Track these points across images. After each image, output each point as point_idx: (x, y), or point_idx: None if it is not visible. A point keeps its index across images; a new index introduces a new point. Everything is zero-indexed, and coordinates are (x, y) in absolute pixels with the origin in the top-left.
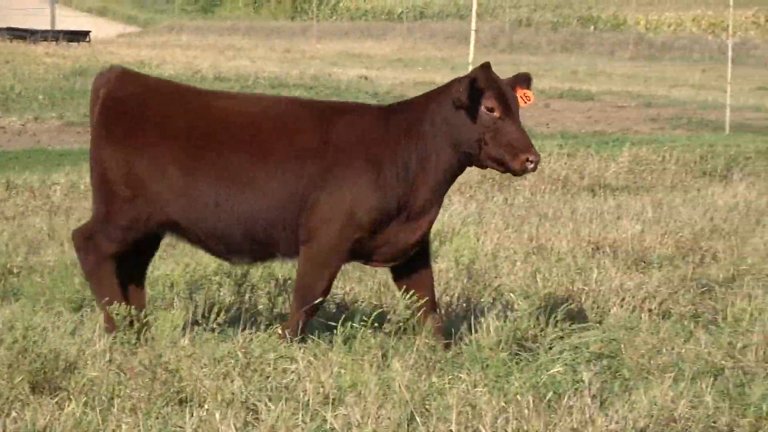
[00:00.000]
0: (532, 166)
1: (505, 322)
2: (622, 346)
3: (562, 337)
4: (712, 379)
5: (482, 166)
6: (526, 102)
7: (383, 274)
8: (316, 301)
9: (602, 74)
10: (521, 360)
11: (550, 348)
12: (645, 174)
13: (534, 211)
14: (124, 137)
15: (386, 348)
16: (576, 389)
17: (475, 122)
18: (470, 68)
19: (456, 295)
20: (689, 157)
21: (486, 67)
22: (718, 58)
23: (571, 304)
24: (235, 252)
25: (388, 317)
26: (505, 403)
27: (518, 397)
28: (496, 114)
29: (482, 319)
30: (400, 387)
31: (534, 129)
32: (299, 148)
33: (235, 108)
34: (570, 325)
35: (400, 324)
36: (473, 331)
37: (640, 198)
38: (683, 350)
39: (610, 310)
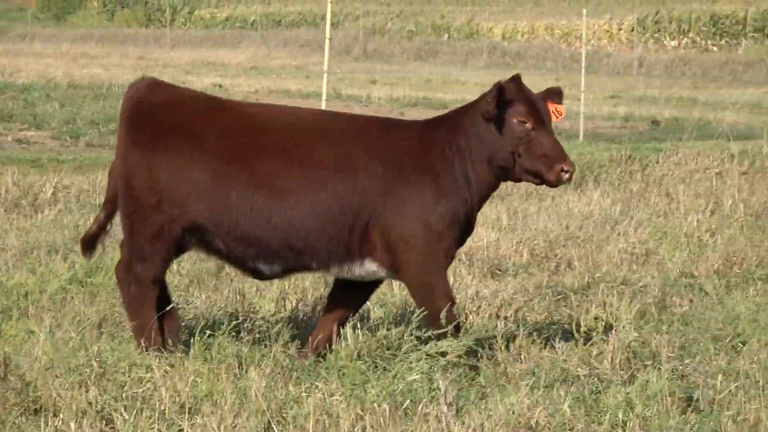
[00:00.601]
0: (567, 176)
1: (361, 330)
2: (479, 353)
3: (418, 346)
4: (568, 386)
5: (517, 180)
6: (557, 117)
7: (240, 281)
8: (451, 311)
9: (456, 83)
10: (378, 368)
11: (407, 356)
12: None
13: None
14: (151, 143)
15: (242, 356)
16: (432, 397)
17: (508, 135)
18: (325, 76)
19: (314, 303)
20: None
21: (515, 79)
22: (571, 67)
23: (427, 311)
24: (266, 259)
25: (245, 326)
26: (362, 411)
27: (375, 405)
28: (528, 125)
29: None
30: (256, 395)
31: None
32: (340, 161)
33: (269, 117)
34: (426, 333)
35: (257, 333)
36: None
37: (495, 206)
38: (539, 358)
39: (466, 318)
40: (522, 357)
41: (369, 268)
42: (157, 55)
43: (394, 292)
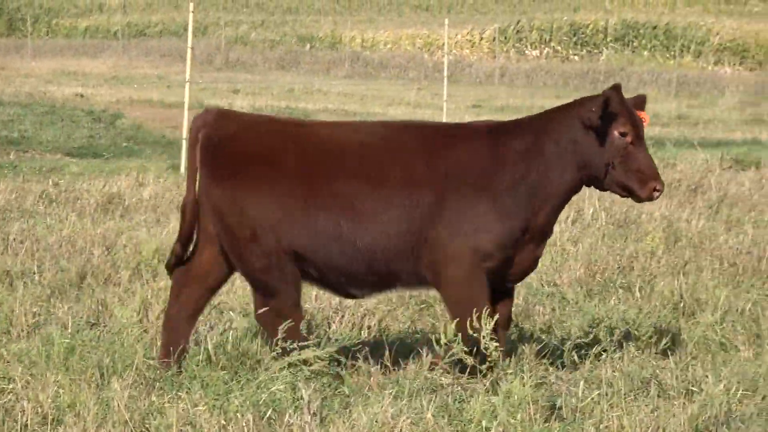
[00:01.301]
0: (657, 194)
1: (225, 340)
2: (342, 363)
3: (282, 355)
4: (432, 395)
5: (603, 189)
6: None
7: (102, 292)
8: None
9: (318, 92)
10: (241, 378)
11: (270, 366)
12: None
13: None
14: (232, 176)
15: (105, 367)
16: (296, 407)
17: (606, 146)
18: (187, 86)
19: None
20: None
21: (617, 88)
22: (434, 77)
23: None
24: (355, 284)
25: (108, 336)
26: (225, 421)
27: (238, 415)
28: (629, 139)
29: (202, 338)
30: (119, 406)
31: None
32: (411, 175)
33: (342, 136)
34: (290, 343)
35: (120, 343)
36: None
37: None
38: (403, 367)
39: (330, 328)
40: (386, 366)
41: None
42: (18, 65)
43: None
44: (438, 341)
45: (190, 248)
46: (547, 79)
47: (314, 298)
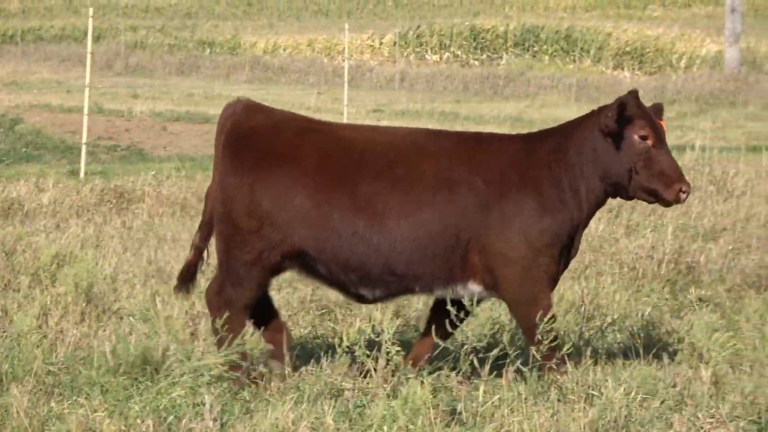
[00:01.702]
0: (685, 196)
1: (124, 345)
2: (243, 368)
3: (182, 360)
4: (332, 400)
5: (630, 198)
6: None
7: (1, 297)
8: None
9: (219, 97)
10: (141, 384)
11: (171, 371)
12: None
13: (153, 234)
14: (252, 168)
15: (3, 373)
16: (197, 412)
17: (627, 151)
18: (86, 91)
19: (75, 319)
20: None
21: (634, 94)
22: (334, 81)
23: (191, 327)
24: (368, 284)
25: (6, 342)
26: (126, 427)
27: (139, 421)
28: (650, 142)
29: (101, 343)
30: (18, 412)
31: (151, 152)
32: (445, 180)
33: (374, 139)
34: (190, 348)
35: (19, 349)
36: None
37: None
38: (304, 372)
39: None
40: (287, 371)
41: (472, 289)
42: None
43: (157, 306)
44: (340, 345)
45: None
46: (447, 84)
47: None
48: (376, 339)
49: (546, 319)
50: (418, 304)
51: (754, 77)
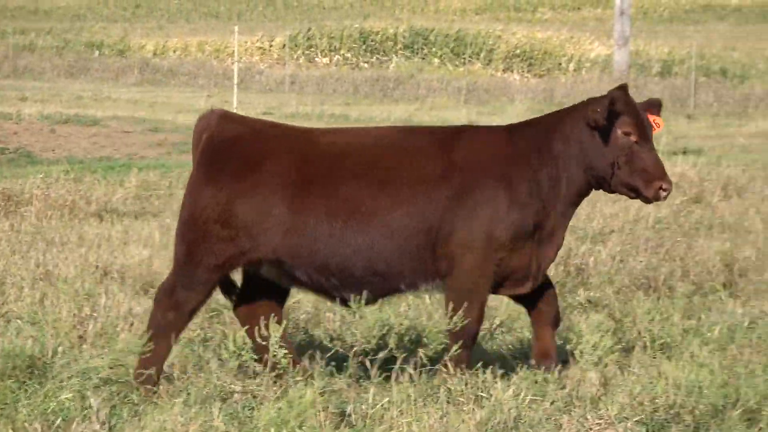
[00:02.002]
0: (665, 194)
1: (11, 348)
2: (131, 371)
3: (70, 363)
4: (221, 403)
5: (611, 191)
6: (656, 128)
7: None
8: (473, 332)
9: (108, 99)
10: (29, 387)
11: (59, 374)
12: (153, 199)
13: (41, 237)
14: (229, 178)
15: None
16: (85, 415)
17: (611, 145)
18: None
19: None
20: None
21: (624, 89)
22: (223, 84)
23: (79, 330)
24: (350, 286)
25: None
26: (13, 430)
27: (26, 425)
28: (633, 138)
29: None
30: None
31: (40, 155)
32: (423, 177)
33: (348, 141)
34: (78, 351)
35: None
36: None
37: (148, 223)
38: (193, 374)
39: (119, 336)
40: (175, 374)
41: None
42: None
43: (46, 309)
44: (228, 348)
45: None
46: (337, 87)
47: (102, 306)
48: (263, 343)
49: (474, 315)
50: (308, 306)
51: (643, 80)
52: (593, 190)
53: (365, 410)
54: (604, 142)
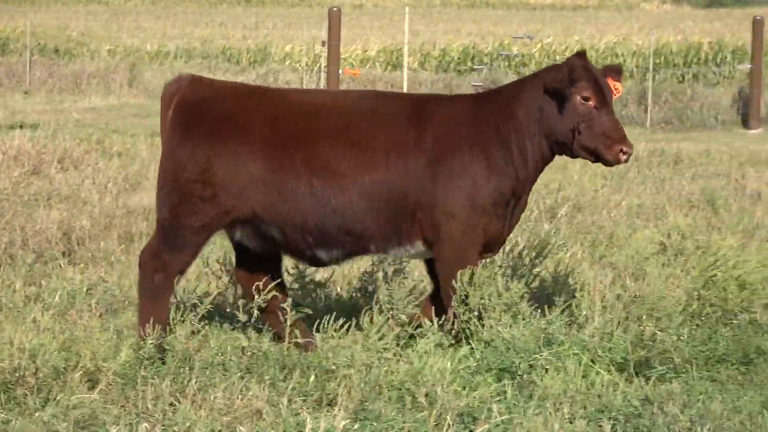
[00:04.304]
0: (625, 157)
1: None
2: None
3: None
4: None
5: (573, 156)
6: (616, 93)
7: None
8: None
9: None
10: None
11: None
12: None
13: None
14: (204, 137)
15: None
16: None
17: (570, 111)
18: None
19: None
20: None
21: (582, 55)
22: None
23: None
24: (324, 245)
25: None
26: None
27: None
28: (592, 103)
29: None
30: None
31: None
32: (394, 140)
33: (322, 101)
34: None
35: None
36: None
37: None
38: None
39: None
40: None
41: (419, 248)
42: None
43: None
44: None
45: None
46: None
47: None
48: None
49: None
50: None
51: None
52: (555, 155)
53: None
54: (564, 108)
